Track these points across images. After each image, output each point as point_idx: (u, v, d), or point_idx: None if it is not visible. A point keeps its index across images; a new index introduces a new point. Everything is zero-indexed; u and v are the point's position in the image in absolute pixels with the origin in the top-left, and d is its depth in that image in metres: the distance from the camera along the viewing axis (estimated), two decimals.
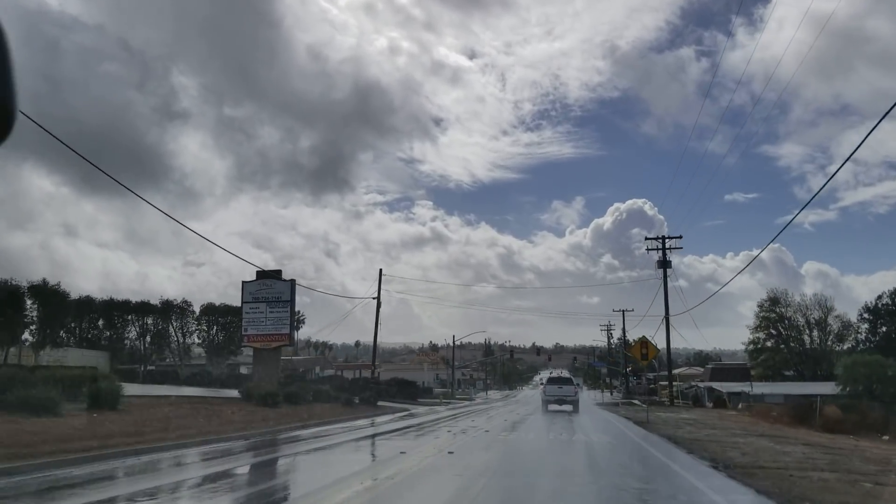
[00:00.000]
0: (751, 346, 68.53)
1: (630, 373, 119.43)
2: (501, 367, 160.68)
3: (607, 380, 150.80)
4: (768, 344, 68.39)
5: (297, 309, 46.23)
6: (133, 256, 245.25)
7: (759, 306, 67.73)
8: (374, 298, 49.80)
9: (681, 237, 51.73)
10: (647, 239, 54.19)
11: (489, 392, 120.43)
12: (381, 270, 51.60)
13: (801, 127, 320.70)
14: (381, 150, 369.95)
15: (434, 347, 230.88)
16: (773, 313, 67.85)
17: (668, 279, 51.08)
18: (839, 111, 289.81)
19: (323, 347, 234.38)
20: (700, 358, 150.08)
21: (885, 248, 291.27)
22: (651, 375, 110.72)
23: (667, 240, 52.42)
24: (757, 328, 68.35)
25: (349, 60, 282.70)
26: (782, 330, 67.28)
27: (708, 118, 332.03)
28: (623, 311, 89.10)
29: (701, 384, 67.62)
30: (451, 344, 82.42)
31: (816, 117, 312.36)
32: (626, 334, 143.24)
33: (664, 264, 52.39)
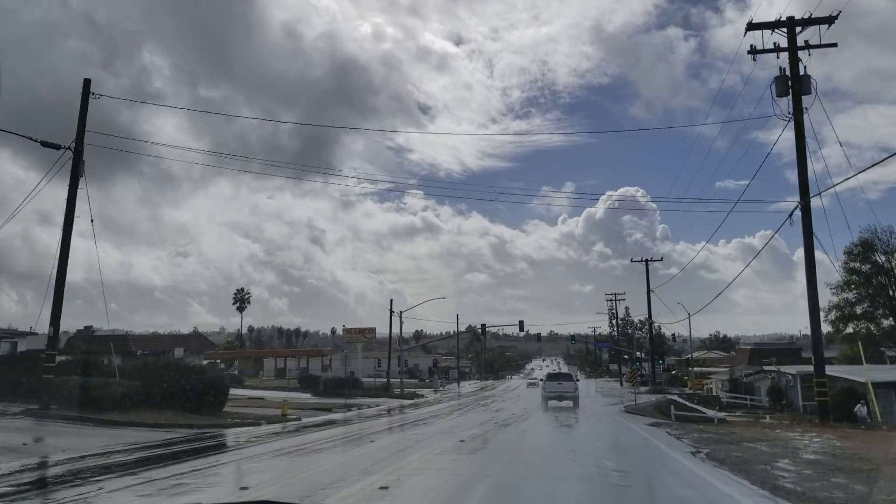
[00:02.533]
0: (833, 314, 46.86)
1: (626, 359, 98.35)
2: (483, 352, 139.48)
3: (609, 366, 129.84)
4: (857, 310, 46.83)
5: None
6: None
7: (846, 254, 46.07)
8: None
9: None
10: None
11: (464, 384, 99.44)
12: None
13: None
14: (370, 138, 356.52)
15: (418, 336, 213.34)
16: (867, 265, 46.31)
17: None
18: (830, 93, 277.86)
19: (290, 334, 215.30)
20: (717, 341, 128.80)
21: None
22: (666, 361, 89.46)
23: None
24: (843, 287, 46.69)
25: (324, 37, 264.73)
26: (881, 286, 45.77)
27: (698, 101, 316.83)
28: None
29: (770, 369, 45.97)
30: (390, 320, 60.58)
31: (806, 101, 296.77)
32: (619, 318, 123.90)
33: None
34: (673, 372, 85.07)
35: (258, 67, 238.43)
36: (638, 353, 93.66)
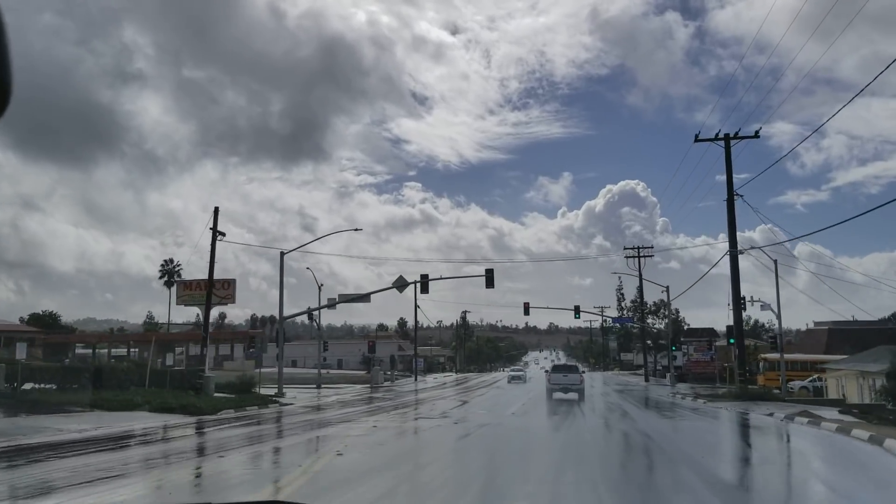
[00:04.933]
0: None
1: (651, 346, 71.77)
2: (464, 341, 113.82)
3: (620, 356, 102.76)
4: None
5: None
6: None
7: None
8: None
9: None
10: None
11: (436, 376, 76.09)
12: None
13: (791, 108, 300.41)
14: (367, 128, 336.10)
15: (402, 323, 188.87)
16: None
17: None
18: (832, 82, 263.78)
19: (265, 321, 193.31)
20: (757, 329, 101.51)
21: (877, 229, 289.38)
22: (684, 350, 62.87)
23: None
24: None
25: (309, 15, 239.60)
26: None
27: (699, 90, 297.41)
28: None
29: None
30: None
31: (804, 99, 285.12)
32: (631, 301, 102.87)
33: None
34: (725, 364, 58.32)
35: (263, 57, 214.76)
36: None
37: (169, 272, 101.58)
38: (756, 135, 32.39)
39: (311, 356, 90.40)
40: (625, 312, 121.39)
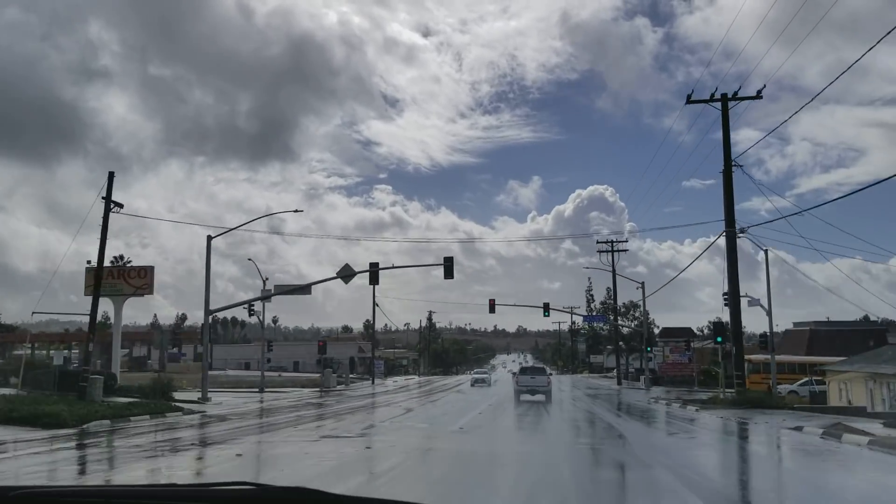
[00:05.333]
0: None
1: (623, 348, 67.59)
2: (428, 343, 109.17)
3: (590, 359, 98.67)
4: None
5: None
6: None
7: None
8: None
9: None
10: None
11: (397, 379, 71.47)
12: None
13: (756, 114, 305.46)
14: (338, 129, 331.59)
15: (367, 325, 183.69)
16: None
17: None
18: (797, 88, 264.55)
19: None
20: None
21: (838, 236, 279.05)
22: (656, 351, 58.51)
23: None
24: None
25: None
26: None
27: (666, 95, 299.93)
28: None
29: None
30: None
31: (764, 114, 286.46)
32: (601, 302, 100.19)
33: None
34: (718, 370, 54.13)
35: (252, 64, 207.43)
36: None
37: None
38: (758, 95, 28.56)
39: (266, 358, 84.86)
40: (594, 313, 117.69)
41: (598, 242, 60.54)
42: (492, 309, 51.21)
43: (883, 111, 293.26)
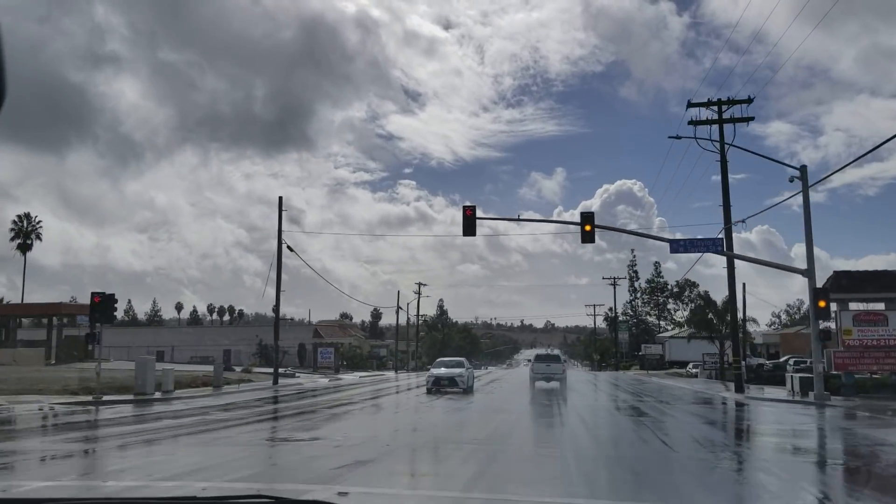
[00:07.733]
0: None
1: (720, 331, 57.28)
2: (417, 333, 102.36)
3: (636, 351, 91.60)
4: None
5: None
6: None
7: None
8: None
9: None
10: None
11: (345, 376, 54.54)
12: None
13: (788, 106, 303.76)
14: (362, 124, 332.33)
15: (376, 314, 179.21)
16: None
17: None
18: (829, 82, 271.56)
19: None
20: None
21: (873, 231, 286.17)
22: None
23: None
24: None
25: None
26: None
27: (695, 83, 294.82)
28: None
29: None
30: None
31: (797, 103, 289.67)
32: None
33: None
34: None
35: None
36: None
37: (22, 232, 76.20)
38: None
39: (192, 345, 75.76)
40: (638, 295, 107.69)
41: (690, 106, 33.00)
42: (470, 230, 34.35)
43: None
